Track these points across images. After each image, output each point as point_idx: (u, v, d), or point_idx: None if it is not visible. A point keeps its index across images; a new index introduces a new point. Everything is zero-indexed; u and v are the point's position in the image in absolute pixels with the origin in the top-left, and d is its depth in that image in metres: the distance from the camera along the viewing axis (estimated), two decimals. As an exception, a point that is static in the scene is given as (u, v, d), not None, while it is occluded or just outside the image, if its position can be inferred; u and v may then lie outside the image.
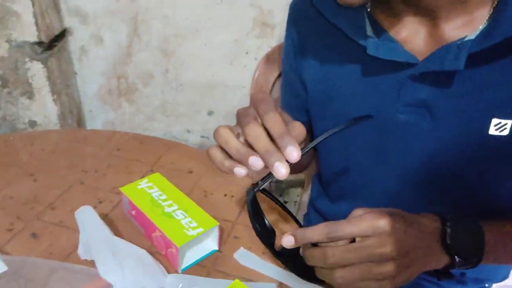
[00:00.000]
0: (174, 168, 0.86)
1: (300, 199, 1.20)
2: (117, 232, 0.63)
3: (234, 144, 0.50)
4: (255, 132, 0.49)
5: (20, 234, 0.67)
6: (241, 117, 0.52)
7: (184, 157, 0.90)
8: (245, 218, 0.73)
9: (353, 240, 0.49)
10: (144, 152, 0.90)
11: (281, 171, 0.46)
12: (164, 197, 0.68)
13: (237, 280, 0.56)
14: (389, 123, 0.63)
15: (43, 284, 0.57)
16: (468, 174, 0.61)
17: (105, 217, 0.63)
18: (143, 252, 0.59)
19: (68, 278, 0.57)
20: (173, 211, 0.65)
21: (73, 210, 0.72)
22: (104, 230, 0.60)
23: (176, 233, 0.61)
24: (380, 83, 0.63)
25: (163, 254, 0.64)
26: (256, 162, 0.48)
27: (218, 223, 0.64)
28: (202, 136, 1.28)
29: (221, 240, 0.67)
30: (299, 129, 0.52)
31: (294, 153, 0.46)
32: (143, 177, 0.73)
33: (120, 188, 0.70)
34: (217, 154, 0.52)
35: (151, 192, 0.69)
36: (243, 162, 0.50)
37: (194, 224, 0.63)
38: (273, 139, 0.48)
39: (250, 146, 0.49)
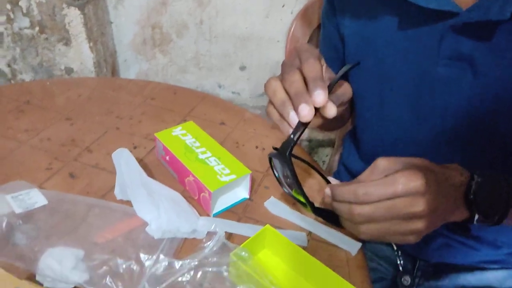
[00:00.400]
0: (206, 119, 0.86)
1: (329, 158, 1.19)
2: (151, 177, 0.64)
3: (280, 95, 0.50)
4: (292, 78, 0.49)
5: (58, 174, 0.70)
6: (285, 67, 0.52)
7: (217, 108, 0.90)
8: (276, 170, 0.73)
9: None
10: (177, 103, 0.91)
11: (304, 112, 0.47)
12: (197, 144, 0.69)
13: (268, 226, 0.57)
14: (428, 77, 0.61)
15: (81, 219, 0.59)
16: (506, 131, 0.59)
17: (139, 162, 0.64)
18: (177, 195, 0.61)
19: (106, 215, 0.59)
20: (207, 158, 0.66)
21: (109, 154, 0.73)
22: (140, 172, 0.61)
23: (209, 178, 0.62)
24: (419, 35, 0.60)
25: (196, 198, 0.65)
26: (294, 117, 0.48)
27: (251, 171, 0.64)
28: (233, 92, 1.27)
29: (252, 189, 0.68)
30: (346, 88, 0.51)
31: (320, 96, 0.47)
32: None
33: (155, 134, 0.70)
34: (273, 110, 0.53)
35: (185, 139, 0.70)
36: (284, 115, 0.50)
37: (227, 171, 0.63)
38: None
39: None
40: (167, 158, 0.69)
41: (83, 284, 0.50)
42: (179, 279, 0.51)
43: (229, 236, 0.60)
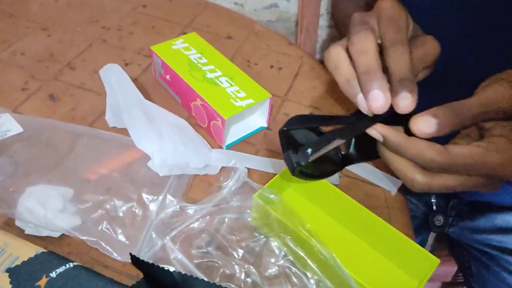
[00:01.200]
0: (210, 31, 0.73)
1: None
2: (148, 100, 0.53)
3: (344, 71, 0.36)
4: (364, 45, 0.34)
5: (36, 95, 0.58)
6: (354, 24, 0.36)
7: (222, 19, 0.76)
8: (296, 94, 0.62)
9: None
10: (174, 11, 0.76)
11: (376, 103, 0.33)
12: (204, 60, 0.57)
13: (296, 162, 0.47)
14: None
15: (67, 151, 0.48)
16: None
17: (133, 82, 0.52)
18: (182, 121, 0.50)
19: (96, 146, 0.49)
20: (217, 77, 0.54)
21: (96, 71, 0.61)
22: (136, 93, 0.50)
23: (221, 103, 0.51)
24: None
25: (204, 127, 0.54)
26: (362, 103, 0.34)
27: (271, 95, 0.53)
28: (235, 3, 1.11)
29: (269, 117, 0.57)
30: (431, 44, 0.36)
31: (406, 100, 0.32)
32: (177, 37, 0.61)
33: (151, 47, 0.58)
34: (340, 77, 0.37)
35: (188, 54, 0.57)
36: (350, 98, 0.36)
37: (242, 94, 0.52)
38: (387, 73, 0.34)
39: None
40: (167, 77, 0.57)
41: (73, 232, 0.41)
42: (192, 225, 0.42)
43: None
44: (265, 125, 0.56)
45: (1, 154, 0.47)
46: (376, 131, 0.35)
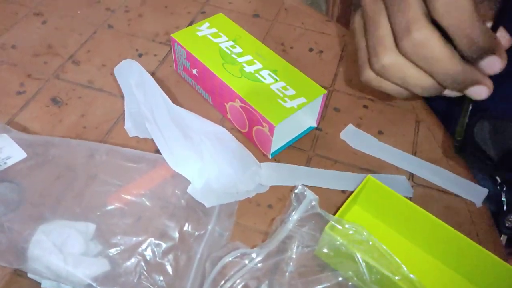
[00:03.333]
0: (233, 9, 0.62)
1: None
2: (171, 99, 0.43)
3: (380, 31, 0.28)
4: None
5: (36, 100, 0.48)
6: None
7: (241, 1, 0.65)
8: (343, 83, 0.53)
9: None
10: (187, -14, 0.65)
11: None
12: (238, 49, 0.47)
13: (370, 177, 0.38)
14: None
15: (82, 174, 0.39)
16: None
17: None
18: (222, 131, 0.40)
19: (117, 166, 0.39)
20: (257, 71, 0.44)
21: (105, 65, 0.51)
22: (163, 96, 0.40)
23: (267, 104, 0.41)
24: None
25: (244, 132, 0.45)
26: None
27: (325, 91, 0.44)
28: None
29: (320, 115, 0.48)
30: None
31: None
32: (192, 21, 0.50)
33: (172, 36, 0.47)
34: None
35: (218, 42, 0.47)
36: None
37: (291, 92, 0.43)
38: None
39: None
40: (194, 72, 0.47)
41: (100, 287, 0.32)
42: (251, 272, 0.33)
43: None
44: (315, 124, 0.47)
45: (3, 180, 0.37)
46: None
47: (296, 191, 0.34)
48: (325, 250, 0.34)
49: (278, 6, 0.63)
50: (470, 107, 0.32)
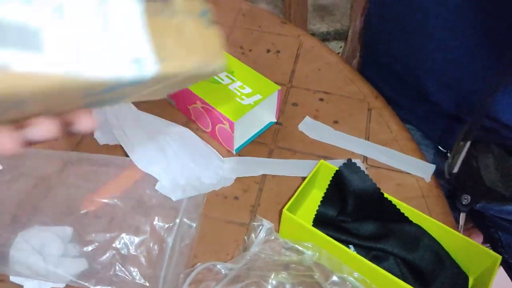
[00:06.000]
0: (192, 18, 0.65)
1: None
2: (135, 106, 0.46)
3: None
4: None
5: None
6: None
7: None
8: (300, 80, 0.56)
9: None
10: None
11: None
12: (197, 55, 0.50)
13: (323, 161, 0.41)
14: None
15: (56, 181, 0.41)
16: None
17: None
18: (185, 131, 0.43)
19: (91, 171, 0.42)
20: (215, 73, 0.48)
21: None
22: (127, 104, 0.43)
23: (226, 103, 0.44)
24: None
25: (208, 131, 0.48)
26: None
27: (279, 87, 0.47)
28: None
29: (278, 110, 0.51)
30: None
31: None
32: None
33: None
34: None
35: (178, 50, 0.50)
36: None
37: (248, 90, 0.46)
38: None
39: None
40: (157, 79, 0.50)
41: (80, 281, 0.35)
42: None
43: (263, 178, 0.45)
44: (274, 119, 0.50)
45: (-21, 197, 0.40)
46: None
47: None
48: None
49: (236, 11, 0.66)
50: (468, 144, 0.36)
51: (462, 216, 0.62)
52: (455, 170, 0.42)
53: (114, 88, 0.18)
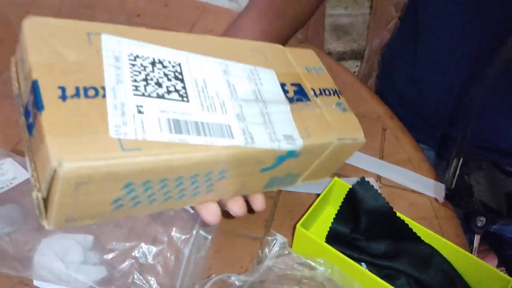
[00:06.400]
0: (213, 36, 0.67)
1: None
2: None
3: None
4: None
5: (36, 127, 0.52)
6: None
7: (223, 21, 0.70)
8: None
9: None
10: (172, 18, 0.71)
11: None
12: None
13: (337, 179, 0.42)
14: None
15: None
16: None
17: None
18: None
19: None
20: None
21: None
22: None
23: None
24: None
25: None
26: None
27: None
28: (230, 0, 1.05)
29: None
30: None
31: None
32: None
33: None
34: None
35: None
36: None
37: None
38: None
39: None
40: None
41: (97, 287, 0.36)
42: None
43: (277, 194, 0.46)
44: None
45: (5, 208, 0.42)
46: None
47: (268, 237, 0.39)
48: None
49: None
50: (460, 161, 0.38)
51: (477, 238, 0.62)
52: (452, 186, 0.42)
53: (281, 160, 0.28)
